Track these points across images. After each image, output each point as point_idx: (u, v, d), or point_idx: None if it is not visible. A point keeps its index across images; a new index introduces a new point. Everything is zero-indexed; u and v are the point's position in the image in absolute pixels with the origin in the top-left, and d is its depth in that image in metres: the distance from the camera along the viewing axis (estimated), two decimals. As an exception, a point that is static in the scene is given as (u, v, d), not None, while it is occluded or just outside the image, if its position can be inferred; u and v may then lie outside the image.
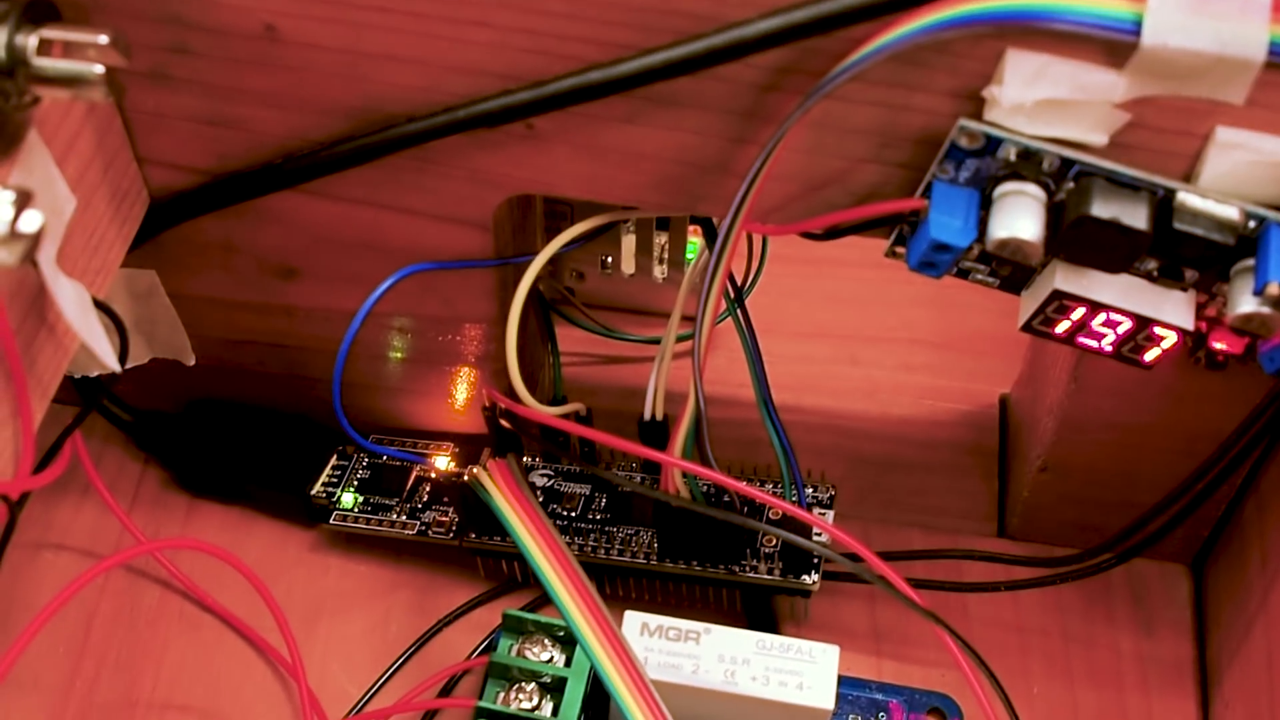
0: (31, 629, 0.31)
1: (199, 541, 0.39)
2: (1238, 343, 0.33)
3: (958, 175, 0.31)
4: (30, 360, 0.31)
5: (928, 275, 0.33)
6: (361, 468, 0.42)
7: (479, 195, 0.36)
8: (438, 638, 0.41)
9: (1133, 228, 0.30)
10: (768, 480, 0.40)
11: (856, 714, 0.39)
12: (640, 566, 0.39)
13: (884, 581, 0.34)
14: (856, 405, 0.46)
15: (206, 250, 0.38)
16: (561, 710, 0.36)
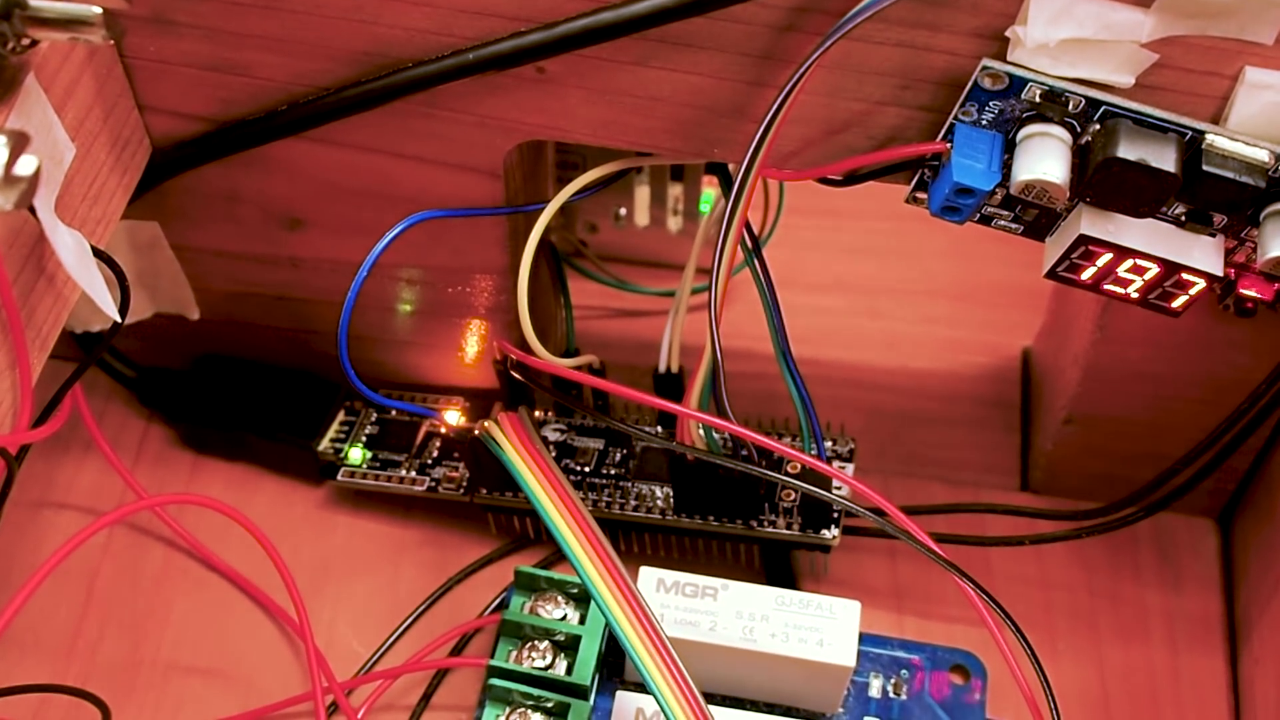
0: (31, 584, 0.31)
1: (202, 497, 0.39)
2: (1268, 289, 0.32)
3: (981, 117, 0.30)
4: (29, 311, 0.30)
5: (950, 220, 0.32)
6: (370, 423, 0.41)
7: (489, 141, 0.35)
8: (448, 596, 0.40)
9: (1161, 169, 0.29)
10: (786, 433, 0.40)
11: (878, 671, 0.38)
12: (656, 522, 0.38)
13: (907, 535, 0.33)
14: (876, 358, 0.45)
15: (210, 201, 0.38)
16: (575, 669, 0.35)
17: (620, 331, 0.46)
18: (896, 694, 0.38)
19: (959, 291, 0.47)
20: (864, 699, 0.37)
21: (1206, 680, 0.39)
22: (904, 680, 0.38)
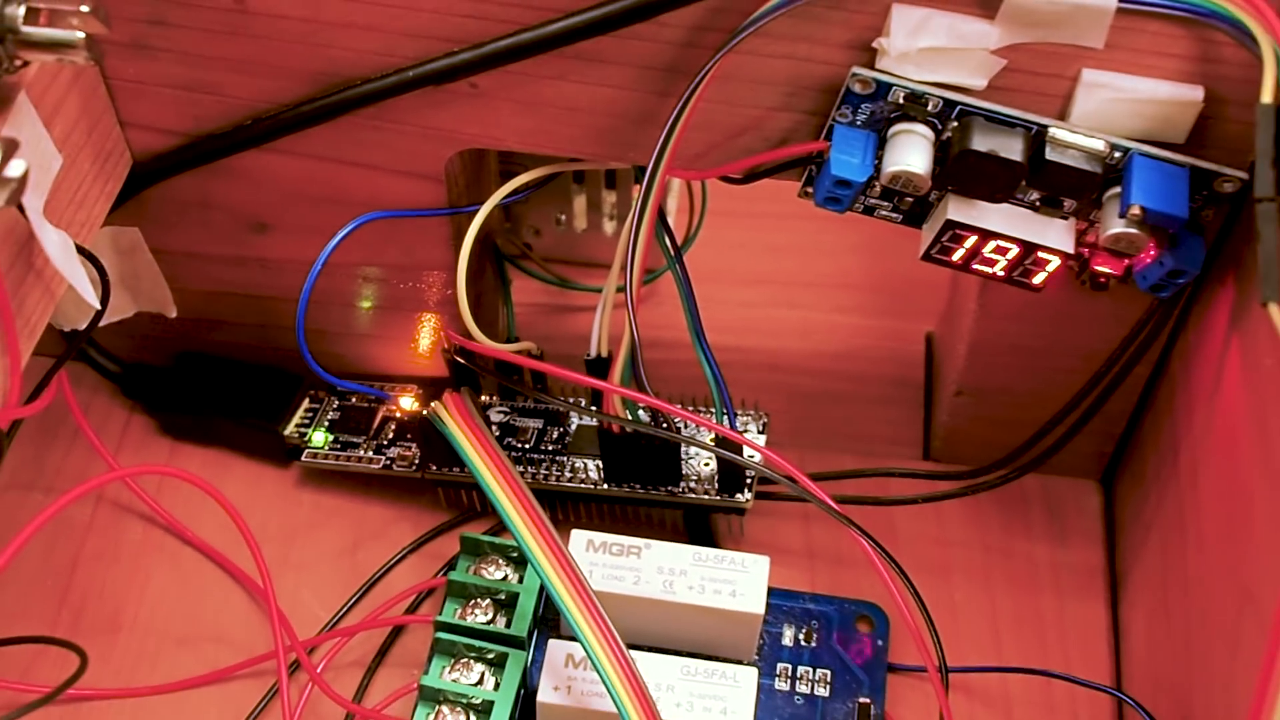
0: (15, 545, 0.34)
1: (171, 468, 0.43)
2: (1117, 265, 0.36)
3: (855, 119, 0.35)
4: (19, 301, 0.34)
5: (832, 210, 0.36)
6: (332, 409, 0.46)
7: (431, 150, 0.39)
8: (402, 564, 0.44)
9: (1010, 159, 0.33)
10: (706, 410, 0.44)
11: (790, 622, 0.42)
12: (588, 492, 0.43)
13: (811, 495, 0.37)
14: (793, 345, 0.49)
15: (185, 207, 0.42)
16: (514, 623, 0.39)
17: (561, 324, 0.50)
18: (807, 642, 0.42)
19: (870, 284, 0.51)
20: (777, 647, 0.42)
21: (1089, 625, 0.43)
22: (814, 630, 0.42)
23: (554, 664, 0.38)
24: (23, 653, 0.41)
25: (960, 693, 0.42)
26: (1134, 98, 0.33)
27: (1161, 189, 0.33)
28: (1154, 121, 0.34)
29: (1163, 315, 0.37)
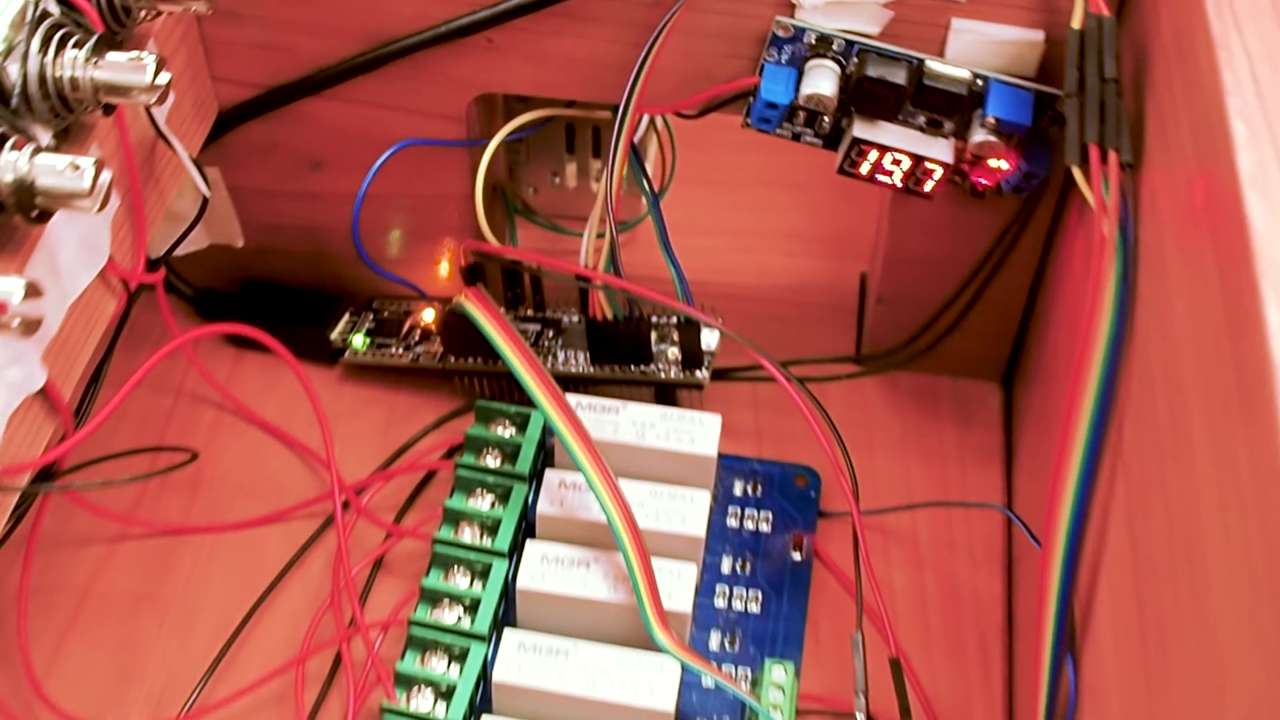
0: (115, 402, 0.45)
1: (234, 325, 0.52)
2: (990, 176, 0.47)
3: (780, 58, 0.46)
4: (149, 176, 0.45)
5: (762, 130, 0.47)
6: (368, 320, 0.56)
7: (454, 95, 0.50)
8: (425, 438, 0.54)
9: (895, 83, 0.44)
10: (672, 315, 0.54)
11: (740, 478, 0.52)
12: (578, 375, 0.53)
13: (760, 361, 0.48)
14: (748, 280, 0.60)
15: (255, 149, 0.52)
16: (518, 463, 0.49)
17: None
18: (754, 493, 0.52)
19: (815, 235, 0.61)
20: (729, 497, 0.52)
21: (985, 485, 0.53)
22: (760, 483, 0.52)
23: (550, 487, 0.48)
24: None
25: (876, 533, 0.52)
26: (992, 39, 0.44)
27: (1011, 105, 0.44)
28: (1008, 59, 0.45)
29: (1025, 214, 0.48)
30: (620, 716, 0.44)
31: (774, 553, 0.51)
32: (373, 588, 0.50)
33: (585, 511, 0.48)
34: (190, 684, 0.47)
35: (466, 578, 0.47)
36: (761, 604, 0.49)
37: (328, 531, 0.51)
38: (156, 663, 0.48)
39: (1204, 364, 0.31)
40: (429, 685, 0.44)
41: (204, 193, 0.47)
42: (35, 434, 0.40)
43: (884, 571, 0.51)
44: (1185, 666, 0.30)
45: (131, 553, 0.51)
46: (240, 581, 0.50)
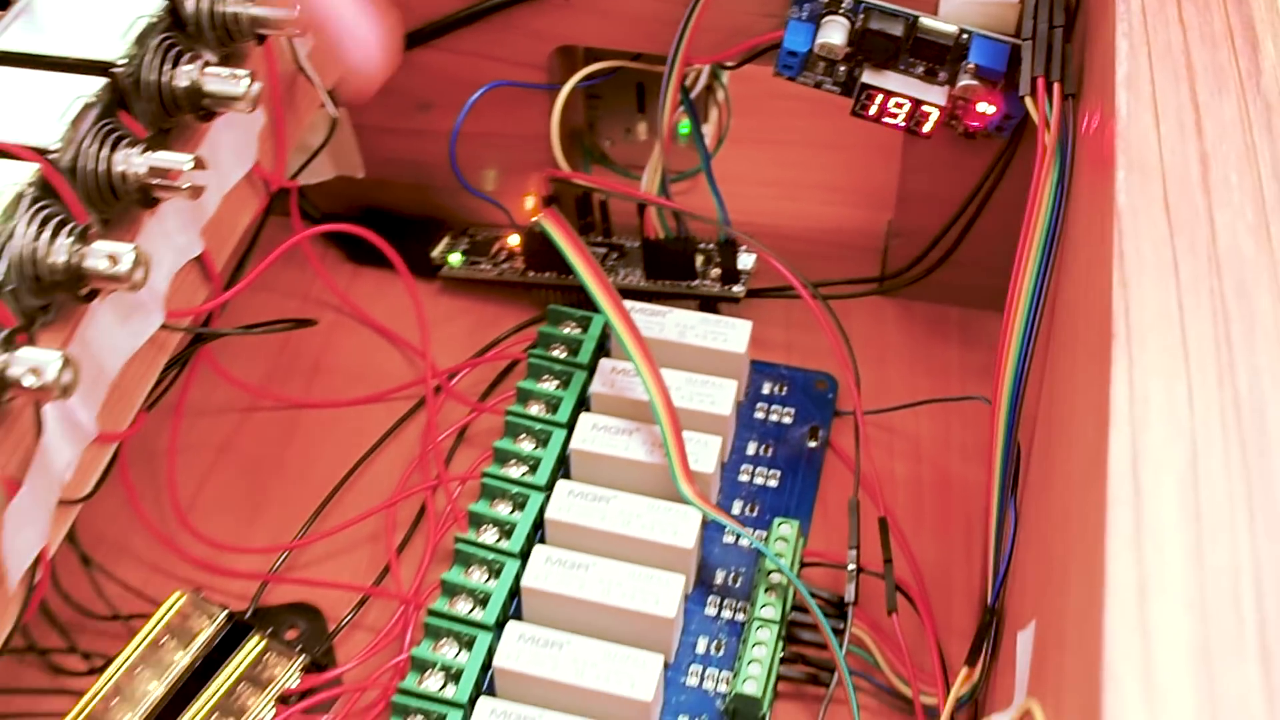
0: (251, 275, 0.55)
1: (354, 226, 0.62)
2: (979, 119, 0.56)
3: (801, 14, 0.55)
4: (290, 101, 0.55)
5: (786, 76, 0.56)
6: (463, 243, 0.67)
7: (538, 46, 0.60)
8: (508, 339, 0.64)
9: (893, 34, 0.54)
10: (714, 242, 0.64)
11: (769, 381, 0.62)
12: (633, 288, 0.63)
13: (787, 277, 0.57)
14: (788, 223, 0.69)
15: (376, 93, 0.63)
16: (579, 355, 0.59)
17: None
18: (779, 392, 0.61)
19: (853, 189, 0.71)
20: (758, 394, 0.61)
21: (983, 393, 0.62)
22: (785, 384, 0.62)
23: (604, 371, 0.58)
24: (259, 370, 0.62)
25: (883, 430, 0.61)
26: (977, 1, 0.54)
27: (990, 54, 0.53)
28: (990, 18, 0.54)
29: (1008, 153, 0.57)
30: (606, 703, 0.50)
31: (793, 440, 0.60)
32: (455, 454, 0.60)
33: (631, 392, 0.57)
34: (303, 522, 0.58)
35: (530, 443, 0.57)
36: (779, 480, 0.59)
37: (421, 409, 0.61)
38: (277, 505, 0.59)
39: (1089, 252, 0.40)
40: (495, 524, 0.54)
41: (332, 113, 0.57)
42: (193, 293, 0.51)
43: (886, 463, 0.60)
44: (1056, 495, 0.39)
45: (260, 420, 0.62)
46: (347, 446, 0.60)
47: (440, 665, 0.50)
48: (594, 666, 0.49)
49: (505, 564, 0.53)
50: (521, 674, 0.49)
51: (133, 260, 0.42)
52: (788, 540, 0.54)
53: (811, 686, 0.52)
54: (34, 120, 0.43)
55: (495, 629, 0.51)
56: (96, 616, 0.54)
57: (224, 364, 0.61)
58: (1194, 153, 0.37)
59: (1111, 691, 0.26)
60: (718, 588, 0.55)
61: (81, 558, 0.55)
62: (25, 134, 0.43)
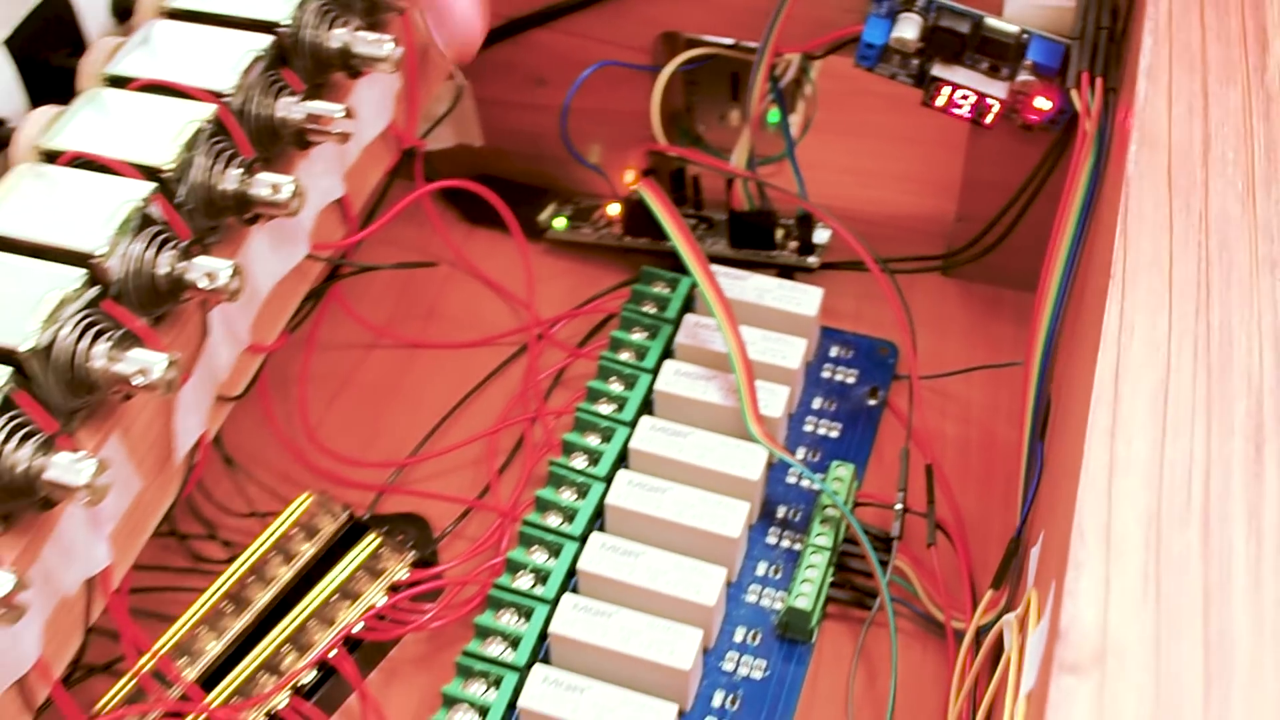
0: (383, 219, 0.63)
1: (470, 183, 0.69)
2: (1039, 114, 0.62)
3: (880, 11, 0.62)
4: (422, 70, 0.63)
5: (864, 66, 0.63)
6: (569, 209, 0.74)
7: (645, 31, 0.67)
8: (605, 295, 0.71)
9: (960, 31, 0.60)
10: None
11: (836, 346, 0.68)
12: (719, 255, 0.70)
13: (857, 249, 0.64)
14: (864, 207, 0.75)
15: (497, 67, 0.71)
16: (667, 311, 0.66)
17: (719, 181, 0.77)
18: (846, 355, 0.68)
19: (927, 180, 0.77)
20: (826, 356, 0.68)
21: (1028, 370, 0.68)
22: (851, 349, 0.68)
23: (688, 325, 0.65)
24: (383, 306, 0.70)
25: (938, 395, 0.67)
26: (1037, 4, 0.60)
27: (1046, 53, 0.60)
28: (1049, 20, 0.60)
29: (1061, 144, 0.63)
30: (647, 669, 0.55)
31: (854, 398, 0.66)
32: (552, 392, 0.67)
33: (711, 344, 0.64)
34: (415, 444, 0.65)
35: (620, 385, 0.64)
36: (840, 432, 0.65)
37: (524, 354, 0.69)
38: (392, 429, 0.66)
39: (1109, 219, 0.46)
40: (585, 452, 0.61)
41: (460, 83, 0.65)
42: (332, 231, 0.59)
43: (937, 422, 0.66)
44: (1069, 429, 0.45)
45: (381, 355, 0.69)
46: (456, 382, 0.68)
47: (531, 568, 0.57)
48: (665, 575, 0.56)
49: (592, 486, 0.60)
50: (601, 576, 0.56)
51: (292, 190, 0.50)
52: (843, 481, 0.61)
53: (856, 609, 0.59)
54: (212, 68, 0.51)
55: (580, 539, 0.58)
56: (235, 513, 0.62)
57: (351, 304, 0.69)
58: (1199, 132, 0.43)
59: (1077, 544, 0.33)
60: (779, 520, 0.61)
61: (225, 459, 0.63)
62: (204, 79, 0.51)
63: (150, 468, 0.49)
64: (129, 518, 0.49)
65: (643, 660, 0.53)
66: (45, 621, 0.45)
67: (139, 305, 0.47)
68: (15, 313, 0.43)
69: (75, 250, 0.45)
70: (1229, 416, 0.36)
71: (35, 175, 0.48)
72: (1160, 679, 0.31)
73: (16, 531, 0.43)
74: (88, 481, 0.42)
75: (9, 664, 0.43)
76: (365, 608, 0.57)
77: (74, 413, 0.45)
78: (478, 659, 0.54)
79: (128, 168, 0.48)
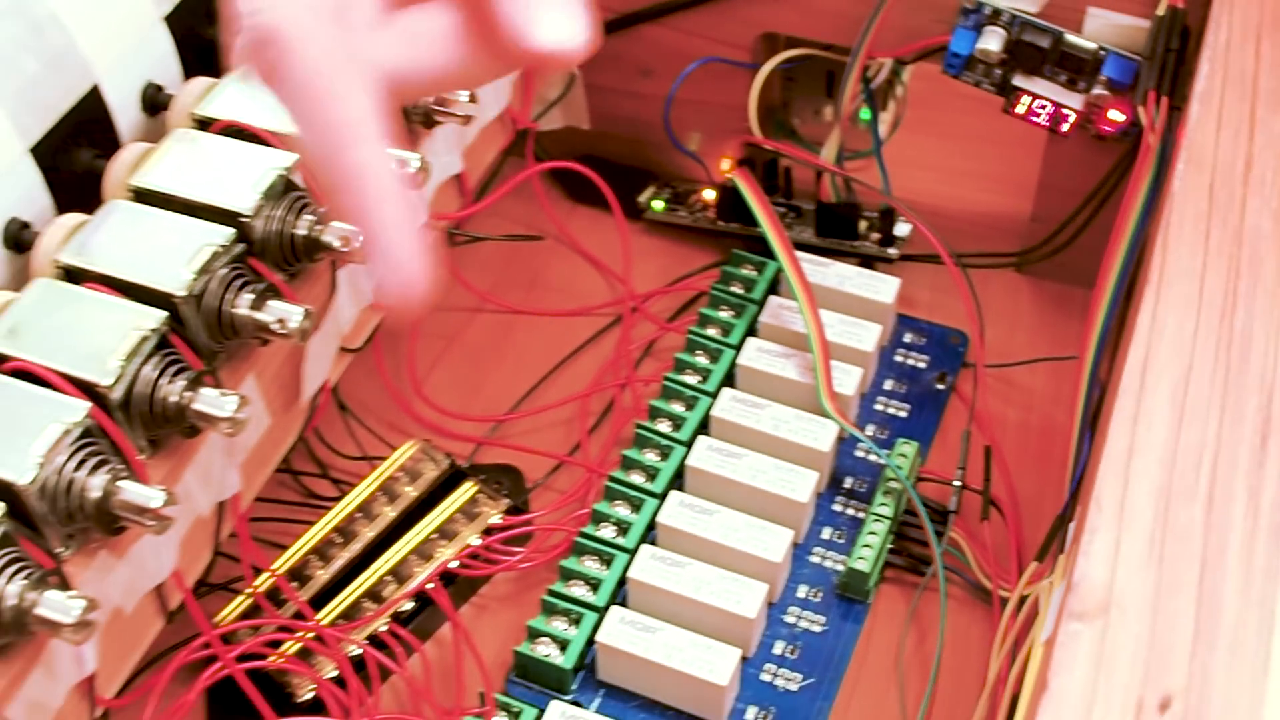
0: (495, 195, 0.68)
1: (576, 164, 0.75)
2: (1110, 125, 0.67)
3: (968, 22, 0.66)
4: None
5: (950, 74, 0.67)
6: (667, 192, 0.79)
7: (747, 31, 0.72)
8: (698, 274, 0.76)
9: (1041, 46, 0.64)
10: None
11: (910, 332, 0.73)
12: (805, 243, 0.74)
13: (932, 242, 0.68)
14: (946, 204, 0.80)
15: (607, 57, 0.75)
16: (753, 292, 0.71)
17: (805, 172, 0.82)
18: (918, 341, 0.73)
19: (1009, 181, 0.81)
20: (899, 341, 0.72)
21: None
22: (923, 336, 0.73)
23: (772, 306, 0.70)
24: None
25: (1003, 383, 0.71)
26: (1114, 23, 0.64)
27: (1120, 69, 0.64)
28: (1125, 38, 0.64)
29: (1130, 155, 0.67)
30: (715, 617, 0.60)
31: (924, 381, 0.71)
32: (641, 362, 0.73)
33: (792, 325, 0.69)
34: (514, 402, 0.71)
35: (705, 358, 0.69)
36: (908, 413, 0.70)
37: (618, 325, 0.74)
38: (492, 387, 0.72)
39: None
40: (669, 418, 0.67)
41: (570, 70, 0.70)
42: (448, 203, 0.64)
43: (1000, 409, 0.70)
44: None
45: (485, 320, 0.75)
46: (553, 348, 0.73)
47: (614, 519, 0.63)
48: (736, 532, 0.61)
49: (674, 449, 0.65)
50: (678, 530, 0.61)
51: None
52: (907, 457, 0.66)
53: (911, 575, 0.63)
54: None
55: (660, 496, 0.63)
56: (346, 455, 0.68)
57: (461, 271, 0.75)
58: (1242, 154, 0.47)
59: (1094, 513, 0.38)
60: (845, 490, 0.66)
61: (339, 405, 0.69)
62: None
63: (279, 408, 0.55)
64: (256, 451, 0.55)
65: (712, 607, 0.59)
66: (182, 537, 0.51)
67: (278, 262, 0.52)
68: (172, 262, 0.49)
69: (226, 209, 0.51)
70: (1241, 409, 0.40)
71: (189, 140, 0.54)
72: (1155, 630, 0.36)
73: (163, 455, 0.49)
74: (230, 415, 0.47)
75: (152, 570, 0.49)
76: (461, 547, 0.62)
77: (215, 355, 0.51)
78: (562, 598, 0.60)
79: (274, 136, 0.53)
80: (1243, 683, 0.35)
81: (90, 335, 0.47)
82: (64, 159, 0.52)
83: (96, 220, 0.51)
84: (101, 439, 0.45)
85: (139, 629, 0.50)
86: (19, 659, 0.43)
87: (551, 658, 0.58)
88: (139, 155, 0.53)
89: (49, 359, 0.46)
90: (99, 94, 0.53)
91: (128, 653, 0.50)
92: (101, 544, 0.46)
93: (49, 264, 0.49)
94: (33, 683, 0.44)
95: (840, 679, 0.60)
